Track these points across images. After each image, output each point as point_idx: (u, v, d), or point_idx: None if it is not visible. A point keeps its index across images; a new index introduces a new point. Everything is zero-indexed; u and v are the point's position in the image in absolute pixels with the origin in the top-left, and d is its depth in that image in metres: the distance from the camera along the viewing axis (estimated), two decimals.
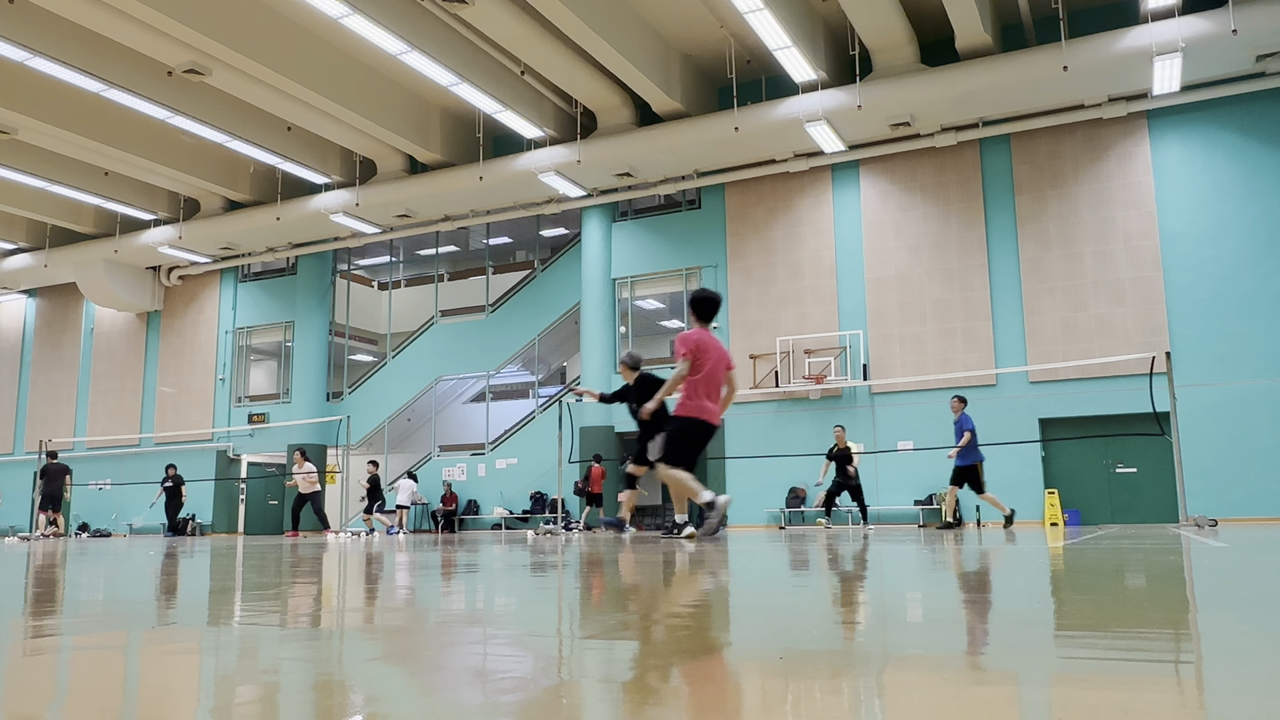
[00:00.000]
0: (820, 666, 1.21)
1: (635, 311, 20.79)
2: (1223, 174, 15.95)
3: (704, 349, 7.34)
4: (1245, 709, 0.91)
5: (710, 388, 7.36)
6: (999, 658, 1.26)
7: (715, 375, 7.38)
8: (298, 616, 2.02)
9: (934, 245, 17.68)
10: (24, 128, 18.20)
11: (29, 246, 25.68)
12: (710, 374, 7.35)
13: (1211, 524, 11.08)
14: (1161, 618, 1.69)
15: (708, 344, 7.39)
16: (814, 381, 17.71)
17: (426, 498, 21.79)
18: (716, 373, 7.39)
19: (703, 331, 7.47)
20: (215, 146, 20.93)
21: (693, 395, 7.34)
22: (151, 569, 4.40)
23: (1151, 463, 16.13)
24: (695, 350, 7.30)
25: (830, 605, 2.04)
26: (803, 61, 15.70)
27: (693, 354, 7.30)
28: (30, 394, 27.77)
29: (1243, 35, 14.14)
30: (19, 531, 25.96)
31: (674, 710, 0.96)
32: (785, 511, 18.04)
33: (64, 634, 1.75)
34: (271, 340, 25.14)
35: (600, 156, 18.31)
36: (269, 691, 1.11)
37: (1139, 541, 5.91)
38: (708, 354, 7.35)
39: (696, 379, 7.34)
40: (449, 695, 1.07)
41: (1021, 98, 16.10)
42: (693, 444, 7.34)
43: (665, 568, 3.65)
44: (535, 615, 1.95)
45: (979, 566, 3.42)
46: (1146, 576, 2.77)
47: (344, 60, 17.21)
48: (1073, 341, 16.53)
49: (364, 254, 25.02)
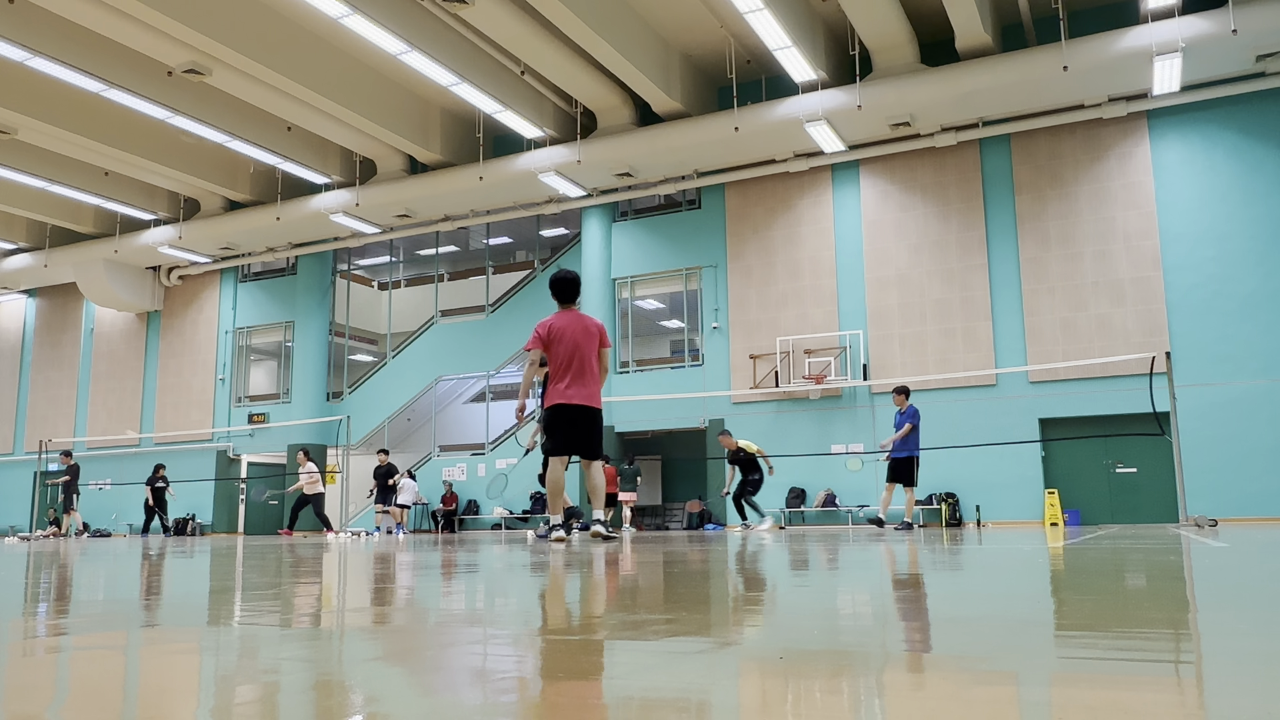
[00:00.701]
0: (822, 666, 1.21)
1: (635, 311, 20.79)
2: (1223, 174, 15.95)
3: (555, 336, 7.35)
4: (1245, 709, 0.91)
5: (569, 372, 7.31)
6: (999, 658, 1.26)
7: (574, 358, 7.32)
8: (297, 617, 2.02)
9: (934, 245, 17.68)
10: (24, 128, 18.20)
11: (29, 246, 25.68)
12: (567, 358, 7.32)
13: (1211, 524, 11.09)
14: (1161, 618, 1.69)
15: (560, 329, 7.36)
16: (814, 381, 17.71)
17: (426, 498, 21.79)
18: (574, 355, 7.32)
19: (558, 315, 7.48)
20: (215, 146, 20.93)
21: (551, 383, 7.38)
22: (150, 569, 4.40)
23: (1151, 463, 16.12)
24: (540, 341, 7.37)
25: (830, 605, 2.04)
26: (803, 61, 15.70)
27: (536, 345, 7.39)
28: (30, 394, 27.77)
29: (1243, 35, 14.14)
30: (19, 531, 25.96)
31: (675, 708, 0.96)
32: (785, 511, 18.04)
33: (64, 634, 1.75)
34: (271, 340, 25.14)
35: (600, 156, 18.31)
36: (269, 691, 1.11)
37: (1139, 541, 5.91)
38: (561, 340, 7.33)
39: (555, 367, 7.36)
40: (449, 695, 1.07)
41: (1021, 98, 16.10)
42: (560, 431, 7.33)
43: (665, 568, 3.65)
44: (535, 615, 1.95)
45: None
46: (1146, 576, 2.77)
47: (344, 60, 17.21)
48: (1073, 341, 16.53)
49: (364, 254, 25.02)
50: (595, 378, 7.43)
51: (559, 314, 7.51)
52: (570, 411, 7.32)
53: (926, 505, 16.91)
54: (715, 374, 19.13)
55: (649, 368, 20.23)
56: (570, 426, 7.34)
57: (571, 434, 7.36)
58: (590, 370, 7.39)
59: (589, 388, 7.37)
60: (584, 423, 7.36)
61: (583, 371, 7.35)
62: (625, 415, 19.79)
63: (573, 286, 7.53)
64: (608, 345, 7.52)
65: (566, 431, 7.35)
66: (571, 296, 7.57)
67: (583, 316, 7.52)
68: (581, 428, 7.36)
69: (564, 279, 7.52)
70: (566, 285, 7.51)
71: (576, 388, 7.32)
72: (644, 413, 19.55)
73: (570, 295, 7.56)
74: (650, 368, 20.23)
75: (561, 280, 7.52)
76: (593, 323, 7.52)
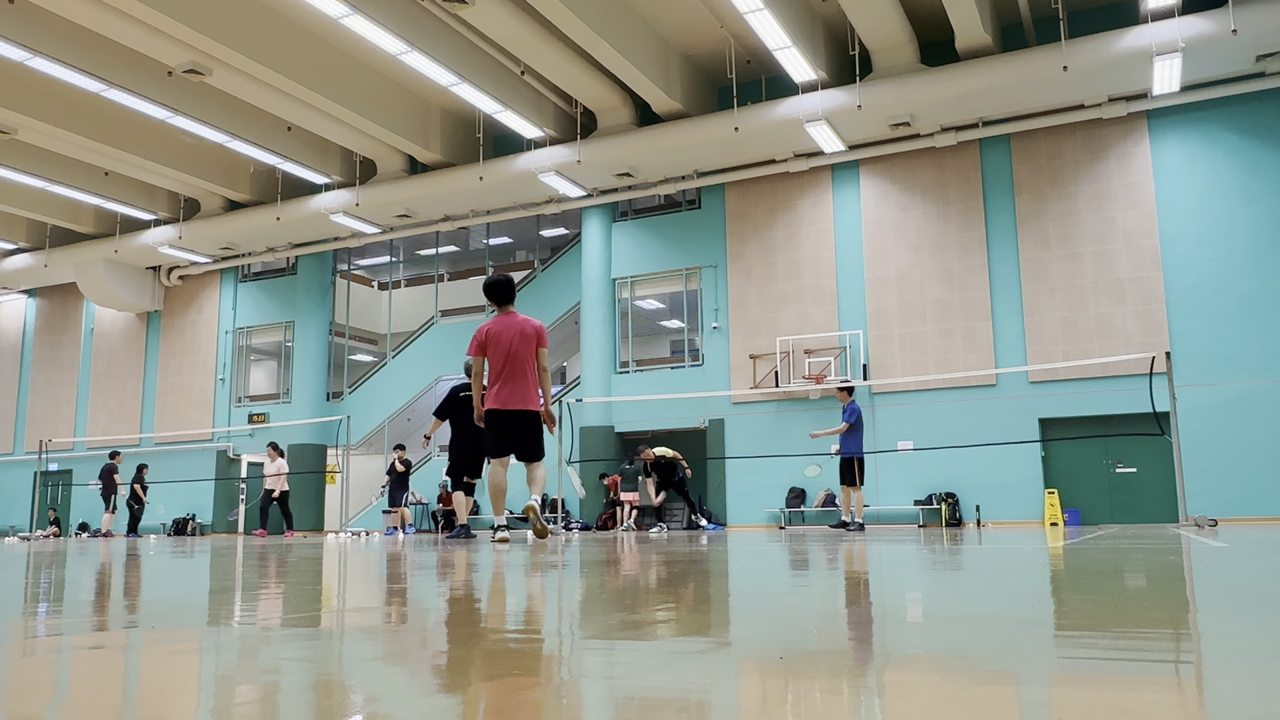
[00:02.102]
0: (821, 666, 1.21)
1: (635, 311, 20.79)
2: (1223, 174, 15.95)
3: (492, 340, 7.49)
4: (1245, 709, 0.91)
5: (501, 376, 7.45)
6: (999, 658, 1.26)
7: (508, 361, 7.45)
8: (297, 616, 2.02)
9: (934, 245, 17.68)
10: (24, 128, 18.20)
11: (29, 246, 25.68)
12: (501, 362, 7.45)
13: (1211, 524, 11.08)
14: (1161, 618, 1.69)
15: (497, 333, 7.49)
16: (814, 381, 17.70)
17: (425, 498, 21.79)
18: (509, 359, 7.45)
19: (495, 319, 7.61)
20: (215, 146, 20.93)
21: (488, 386, 7.53)
22: (151, 569, 4.40)
23: (1151, 463, 16.13)
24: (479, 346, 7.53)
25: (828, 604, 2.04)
26: (803, 61, 15.70)
27: (475, 351, 7.55)
28: (30, 394, 27.77)
29: (1243, 35, 14.14)
30: (19, 531, 25.96)
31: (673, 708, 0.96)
32: (785, 511, 18.04)
33: (64, 634, 1.75)
34: (271, 340, 25.13)
35: (600, 156, 18.31)
36: (269, 691, 1.11)
37: (1139, 541, 5.91)
38: (496, 344, 7.48)
39: (491, 371, 7.51)
40: (449, 695, 1.07)
41: (1021, 98, 16.10)
42: (496, 433, 7.47)
43: (666, 568, 3.65)
44: (535, 615, 1.95)
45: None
46: (1146, 577, 2.77)
47: (344, 60, 17.21)
48: (1073, 341, 16.53)
49: (364, 254, 25.02)
50: (531, 380, 7.52)
51: (496, 318, 7.64)
52: (504, 416, 7.47)
53: (926, 505, 16.91)
54: (715, 374, 19.13)
55: (649, 368, 20.23)
56: (505, 429, 7.49)
57: (506, 437, 7.51)
58: (525, 373, 7.49)
59: (523, 390, 7.48)
60: (518, 425, 7.51)
61: (516, 374, 7.46)
62: (625, 415, 19.80)
63: (506, 289, 7.64)
64: (544, 345, 7.60)
65: (501, 435, 7.50)
66: (506, 298, 7.67)
67: (519, 319, 7.62)
68: (517, 430, 7.51)
69: (496, 282, 7.64)
70: (499, 288, 7.63)
71: (509, 391, 7.44)
72: (644, 413, 19.56)
73: (505, 298, 7.66)
74: (650, 368, 20.23)
75: (494, 284, 7.64)
76: (529, 325, 7.60)
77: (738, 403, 18.80)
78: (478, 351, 7.54)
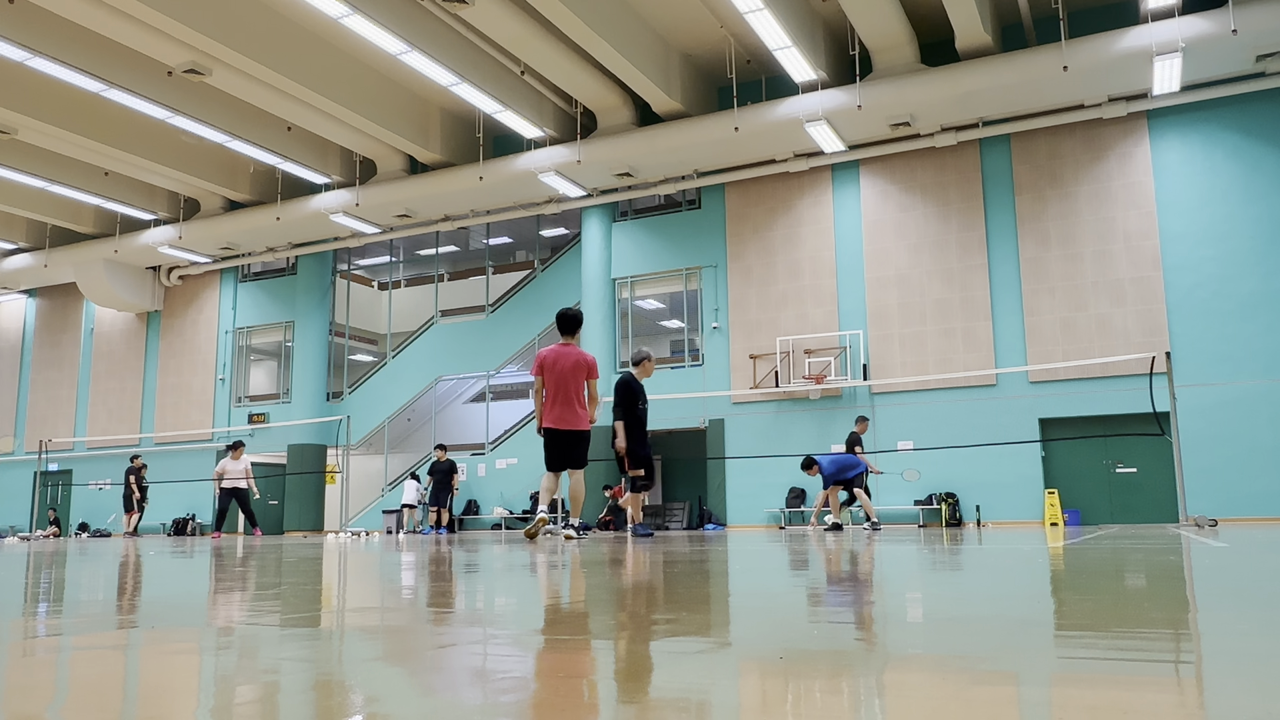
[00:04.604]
0: (821, 666, 1.21)
1: (635, 311, 20.79)
2: (1223, 174, 15.94)
3: (548, 366, 8.47)
4: (1245, 709, 0.91)
5: (555, 399, 8.48)
6: (999, 658, 1.26)
7: (560, 388, 8.47)
8: (297, 616, 2.02)
9: (934, 245, 17.68)
10: (24, 128, 18.20)
11: (29, 246, 25.68)
12: (554, 388, 8.47)
13: (1211, 524, 11.09)
14: (1161, 618, 1.69)
15: (553, 361, 8.48)
16: (814, 381, 17.70)
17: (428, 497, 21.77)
18: (560, 384, 8.46)
19: (554, 347, 8.57)
20: (215, 146, 20.93)
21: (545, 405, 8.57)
22: (151, 570, 4.40)
23: (1151, 463, 16.13)
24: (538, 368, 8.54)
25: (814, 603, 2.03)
26: (803, 61, 15.70)
27: (536, 371, 8.56)
28: (30, 394, 27.76)
29: (1243, 35, 14.14)
30: (19, 531, 25.96)
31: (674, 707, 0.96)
32: (785, 511, 18.04)
33: (64, 634, 1.75)
34: (271, 340, 25.13)
35: (600, 156, 18.30)
36: (269, 691, 1.11)
37: (1139, 541, 5.91)
38: (552, 370, 8.46)
39: (547, 394, 8.53)
40: (449, 695, 1.07)
41: (1021, 98, 16.10)
42: (549, 449, 8.57)
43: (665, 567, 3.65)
44: (534, 614, 1.95)
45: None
46: (1146, 577, 2.77)
47: (344, 60, 17.21)
48: (1073, 341, 16.53)
49: (364, 254, 25.02)
50: (579, 403, 8.54)
51: (555, 346, 8.59)
52: (554, 434, 8.56)
53: (926, 505, 16.92)
54: (715, 374, 19.13)
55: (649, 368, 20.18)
56: (554, 444, 8.59)
57: (556, 451, 8.60)
58: (571, 399, 8.49)
59: (571, 413, 8.52)
60: (565, 442, 8.58)
61: (566, 399, 8.49)
62: None
63: (573, 323, 8.60)
64: (595, 377, 8.60)
65: (552, 449, 8.61)
66: (570, 330, 8.60)
67: (575, 351, 8.57)
68: (564, 445, 8.58)
69: (568, 315, 8.60)
70: (568, 321, 8.60)
71: (559, 412, 8.49)
72: None
73: (569, 329, 8.60)
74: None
75: (566, 317, 8.60)
76: (584, 358, 8.56)
77: (738, 403, 18.80)
78: (538, 373, 8.51)
